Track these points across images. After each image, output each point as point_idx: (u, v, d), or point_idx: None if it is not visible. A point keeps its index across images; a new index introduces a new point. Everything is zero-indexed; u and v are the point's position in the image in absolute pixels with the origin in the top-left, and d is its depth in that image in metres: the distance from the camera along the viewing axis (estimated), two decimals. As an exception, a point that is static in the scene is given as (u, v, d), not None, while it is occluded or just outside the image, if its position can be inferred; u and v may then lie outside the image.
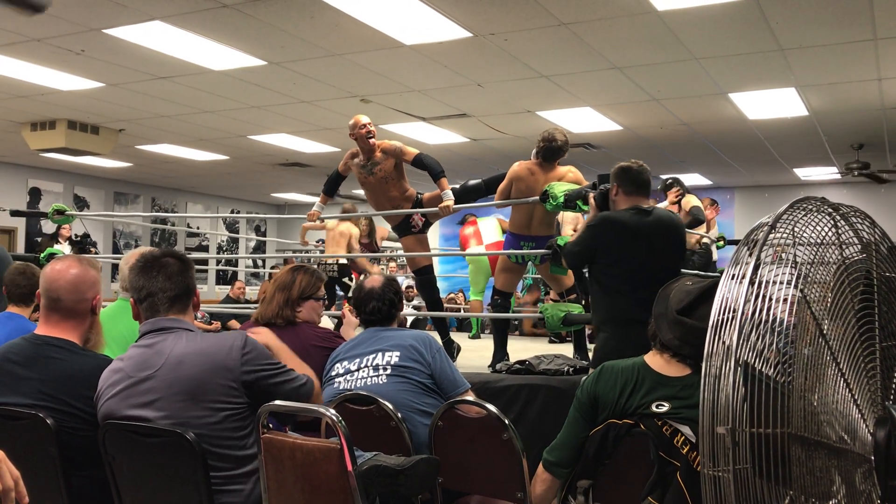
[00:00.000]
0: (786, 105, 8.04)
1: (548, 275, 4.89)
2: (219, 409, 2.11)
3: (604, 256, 3.30)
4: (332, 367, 2.96)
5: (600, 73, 7.01)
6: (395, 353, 2.85)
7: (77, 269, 2.39)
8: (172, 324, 2.24)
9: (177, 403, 2.10)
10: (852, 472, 1.36)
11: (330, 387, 2.91)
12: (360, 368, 2.87)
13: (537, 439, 3.54)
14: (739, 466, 1.21)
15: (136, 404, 2.13)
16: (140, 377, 2.15)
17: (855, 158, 10.13)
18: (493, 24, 5.82)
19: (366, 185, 5.13)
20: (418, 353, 2.84)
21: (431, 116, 8.79)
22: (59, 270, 2.37)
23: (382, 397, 2.70)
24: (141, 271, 2.28)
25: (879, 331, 1.48)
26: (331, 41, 6.24)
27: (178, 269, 2.29)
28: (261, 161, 11.88)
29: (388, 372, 2.82)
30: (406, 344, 2.87)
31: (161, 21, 5.84)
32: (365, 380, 2.83)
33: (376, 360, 2.86)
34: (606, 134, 9.57)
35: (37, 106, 8.61)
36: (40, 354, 2.29)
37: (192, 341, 2.19)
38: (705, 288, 2.11)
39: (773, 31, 5.84)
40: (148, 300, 2.26)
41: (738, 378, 1.24)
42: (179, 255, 2.37)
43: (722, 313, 1.30)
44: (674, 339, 2.11)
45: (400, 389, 2.78)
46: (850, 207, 1.48)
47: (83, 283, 2.37)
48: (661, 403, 2.05)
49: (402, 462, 2.21)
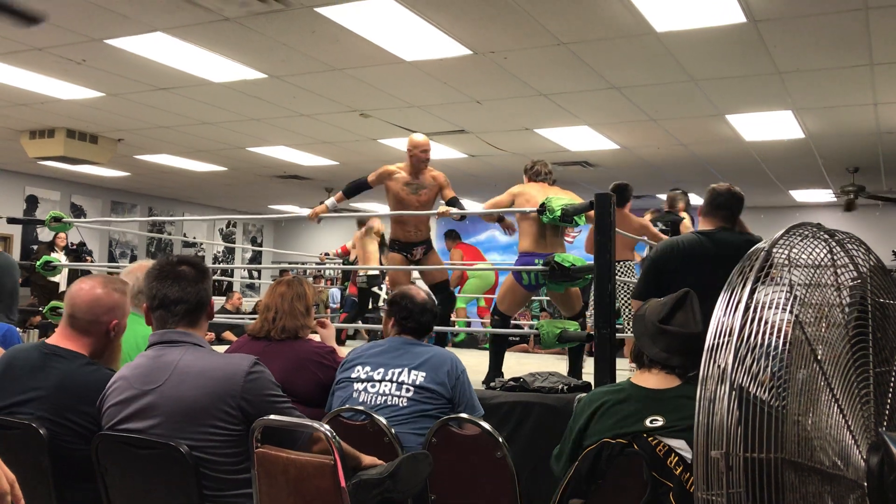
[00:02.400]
0: (782, 127, 8.10)
1: (558, 298, 4.71)
2: (215, 432, 2.08)
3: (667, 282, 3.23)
4: (352, 368, 2.90)
5: (598, 92, 7.05)
6: (421, 374, 2.81)
7: (99, 290, 2.35)
8: (181, 337, 2.20)
9: (174, 421, 2.08)
10: (845, 499, 1.36)
11: (346, 391, 2.87)
12: (382, 380, 2.83)
13: (531, 457, 3.55)
14: (733, 490, 1.21)
15: (137, 416, 2.12)
16: (143, 390, 2.13)
17: (850, 181, 10.19)
18: (494, 43, 5.86)
19: (402, 202, 5.24)
20: (445, 375, 2.82)
21: (430, 132, 8.82)
22: (80, 288, 2.36)
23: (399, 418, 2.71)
24: (156, 278, 2.24)
25: (873, 356, 1.49)
26: (331, 56, 6.28)
27: (193, 278, 2.24)
28: (259, 173, 11.90)
29: (409, 394, 2.78)
30: (434, 364, 2.83)
31: (163, 33, 5.87)
32: (386, 397, 2.80)
33: (402, 377, 2.82)
34: (604, 153, 9.61)
35: (36, 114, 8.62)
36: (45, 364, 2.28)
37: (197, 359, 2.15)
38: (678, 297, 2.20)
39: (770, 54, 5.89)
40: (160, 309, 2.23)
41: (733, 402, 1.24)
42: (196, 263, 2.32)
43: (717, 336, 1.31)
44: (660, 351, 2.15)
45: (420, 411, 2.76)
46: (845, 234, 1.50)
47: (99, 307, 2.34)
48: (655, 419, 2.06)
49: (383, 469, 2.19)
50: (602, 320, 3.72)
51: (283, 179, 12.36)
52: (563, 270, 4.13)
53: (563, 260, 4.14)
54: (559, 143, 9.13)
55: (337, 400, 2.90)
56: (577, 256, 4.36)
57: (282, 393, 2.21)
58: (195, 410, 2.07)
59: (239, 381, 2.10)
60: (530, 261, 4.43)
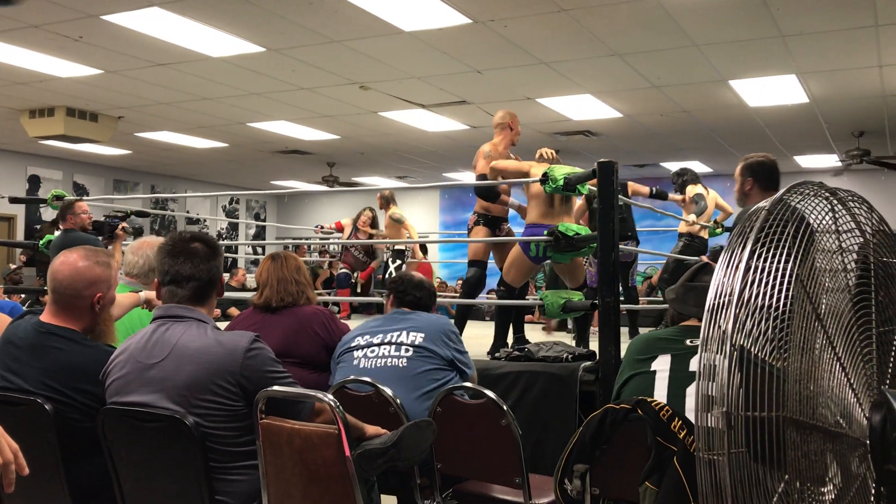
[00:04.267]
0: (786, 92, 8.02)
1: (563, 269, 4.68)
2: (215, 407, 2.09)
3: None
4: (353, 339, 2.99)
5: (600, 59, 6.99)
6: (420, 334, 2.91)
7: (81, 263, 2.32)
8: (185, 312, 2.21)
9: (175, 395, 2.09)
10: (848, 456, 1.36)
11: (348, 361, 2.93)
12: (382, 344, 2.91)
13: (535, 425, 3.57)
14: (735, 450, 1.21)
15: (141, 390, 2.12)
16: (146, 363, 2.14)
17: (855, 146, 10.11)
18: (493, 10, 5.79)
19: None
20: (440, 340, 2.92)
21: (431, 103, 8.77)
22: (62, 262, 2.33)
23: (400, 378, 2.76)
24: (168, 254, 2.24)
25: (876, 315, 1.48)
26: (330, 28, 6.22)
27: (205, 255, 2.24)
28: (260, 148, 11.86)
29: (409, 354, 2.86)
30: (430, 324, 2.97)
31: (159, 7, 5.81)
32: (386, 359, 2.87)
33: (400, 338, 2.91)
34: (606, 121, 9.55)
35: (35, 93, 8.59)
36: (43, 343, 2.27)
37: (199, 335, 2.15)
38: (702, 264, 2.48)
39: (773, 17, 5.82)
40: (170, 285, 2.23)
41: (734, 362, 1.24)
42: (208, 239, 2.32)
43: (718, 297, 1.30)
44: (691, 307, 2.36)
45: (420, 369, 2.84)
46: (847, 192, 1.48)
47: (81, 280, 2.31)
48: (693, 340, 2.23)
49: (386, 439, 2.20)
50: (606, 289, 3.71)
51: (285, 154, 12.33)
52: (568, 240, 4.12)
53: (566, 230, 4.13)
54: (561, 112, 9.06)
55: (339, 373, 2.93)
56: (581, 226, 4.34)
57: (282, 368, 2.21)
58: (195, 385, 2.08)
59: (238, 358, 2.11)
60: (538, 232, 4.39)
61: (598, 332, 3.72)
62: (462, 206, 15.44)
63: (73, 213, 5.54)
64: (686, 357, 2.21)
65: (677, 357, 2.23)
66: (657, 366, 2.25)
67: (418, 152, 12.03)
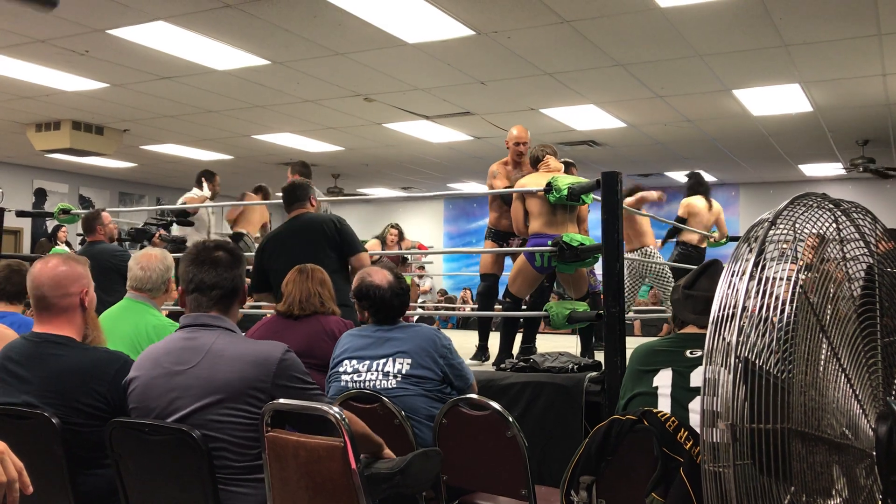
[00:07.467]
0: (790, 101, 8.02)
1: (567, 279, 4.65)
2: (241, 414, 2.09)
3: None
4: (340, 363, 2.93)
5: (604, 70, 7.00)
6: (406, 361, 2.82)
7: (61, 266, 2.34)
8: (213, 321, 2.22)
9: (202, 401, 2.10)
10: (854, 468, 1.36)
11: (336, 382, 2.91)
12: (368, 371, 2.85)
13: (541, 436, 3.56)
14: (740, 462, 1.21)
15: (167, 396, 2.13)
16: (175, 370, 2.15)
17: (860, 154, 10.10)
18: (497, 22, 5.82)
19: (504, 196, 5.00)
20: (429, 358, 2.83)
21: (435, 115, 8.79)
22: (41, 268, 2.34)
23: (390, 398, 2.71)
24: (192, 262, 2.25)
25: (881, 327, 1.48)
26: (334, 40, 6.25)
27: (228, 264, 2.25)
28: (265, 161, 11.90)
29: (398, 380, 2.81)
30: (416, 349, 2.83)
31: (164, 21, 5.85)
32: (373, 382, 2.82)
33: (387, 367, 2.83)
34: (610, 131, 9.56)
35: (41, 107, 8.64)
36: (40, 352, 2.28)
37: (231, 343, 2.17)
38: (706, 265, 2.46)
39: (776, 26, 5.83)
40: (195, 293, 2.24)
41: (739, 374, 1.24)
42: (232, 248, 2.33)
43: (722, 310, 1.30)
44: (689, 313, 2.37)
45: (409, 394, 2.78)
46: (851, 203, 1.48)
47: (65, 279, 2.32)
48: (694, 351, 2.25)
49: (394, 465, 2.20)
50: (611, 299, 3.71)
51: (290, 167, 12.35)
52: (572, 250, 4.11)
53: (570, 240, 4.13)
54: (565, 122, 9.08)
55: (332, 392, 2.93)
56: (584, 236, 4.34)
57: (311, 380, 2.23)
58: (226, 392, 2.09)
59: (272, 367, 2.12)
60: (542, 242, 4.36)
61: (604, 343, 3.72)
62: (466, 216, 15.45)
63: (102, 223, 5.35)
64: (687, 372, 2.20)
65: (678, 373, 2.22)
66: (659, 381, 2.24)
67: (423, 163, 12.05)
